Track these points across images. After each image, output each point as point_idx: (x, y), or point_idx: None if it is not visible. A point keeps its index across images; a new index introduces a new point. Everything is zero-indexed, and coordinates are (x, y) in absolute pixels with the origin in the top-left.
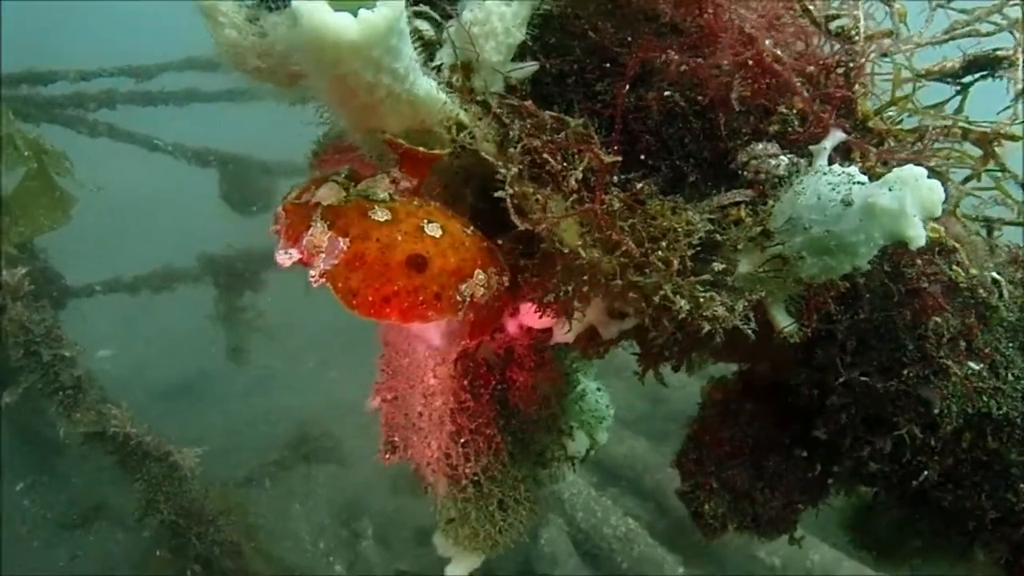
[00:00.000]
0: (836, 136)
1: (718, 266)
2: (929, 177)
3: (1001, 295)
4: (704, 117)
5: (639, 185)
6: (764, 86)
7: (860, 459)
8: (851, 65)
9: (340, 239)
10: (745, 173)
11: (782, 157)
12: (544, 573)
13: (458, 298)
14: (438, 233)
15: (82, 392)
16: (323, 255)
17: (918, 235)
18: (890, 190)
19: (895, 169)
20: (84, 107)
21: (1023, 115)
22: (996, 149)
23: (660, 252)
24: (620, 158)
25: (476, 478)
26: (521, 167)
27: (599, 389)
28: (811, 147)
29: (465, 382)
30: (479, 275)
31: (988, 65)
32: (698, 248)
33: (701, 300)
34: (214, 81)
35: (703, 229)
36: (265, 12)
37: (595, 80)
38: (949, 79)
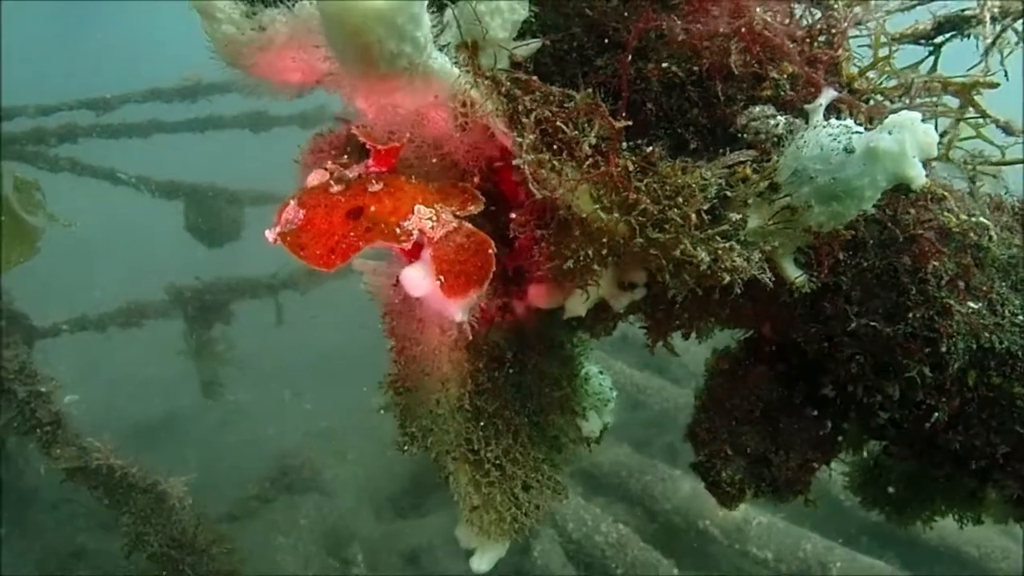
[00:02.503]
0: (829, 94)
1: (734, 216)
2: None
3: (991, 238)
4: (701, 86)
5: (649, 148)
6: (756, 53)
7: (871, 409)
8: (833, 31)
9: (301, 211)
10: (745, 135)
11: (779, 117)
12: None
13: (396, 231)
14: (379, 187)
15: (61, 428)
16: (288, 224)
17: (919, 175)
18: (890, 133)
19: (891, 115)
20: (45, 142)
21: (1000, 62)
22: (976, 98)
23: (677, 208)
24: (630, 122)
25: (498, 461)
26: (534, 136)
27: (600, 372)
28: (806, 107)
29: (480, 364)
30: (420, 210)
31: (958, 24)
32: (713, 203)
33: (719, 252)
34: (177, 111)
35: (716, 184)
36: (262, 6)
37: (595, 56)
38: (922, 41)
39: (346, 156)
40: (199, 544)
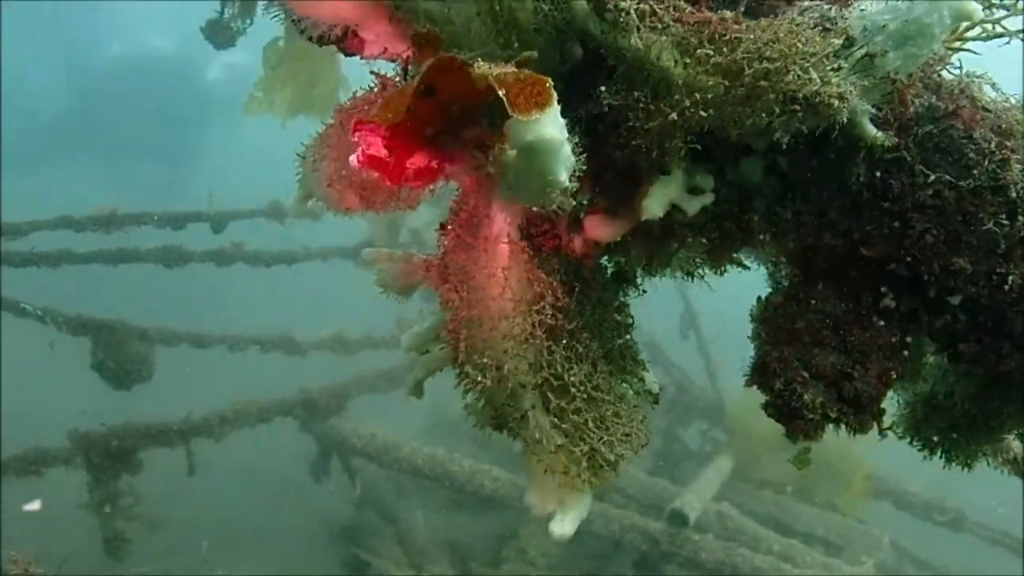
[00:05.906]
0: None
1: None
2: None
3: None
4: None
5: (732, 12)
6: None
7: (941, 299)
8: None
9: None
10: None
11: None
12: None
13: (461, 77)
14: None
15: None
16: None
17: (976, 8)
18: None
19: None
20: None
21: None
22: None
23: (777, 43)
24: None
25: (583, 386)
26: None
27: None
28: None
29: (555, 282)
30: (478, 63)
31: None
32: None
33: (825, 76)
34: (88, 241)
35: (809, 22)
36: None
37: None
38: None
39: None
40: None
